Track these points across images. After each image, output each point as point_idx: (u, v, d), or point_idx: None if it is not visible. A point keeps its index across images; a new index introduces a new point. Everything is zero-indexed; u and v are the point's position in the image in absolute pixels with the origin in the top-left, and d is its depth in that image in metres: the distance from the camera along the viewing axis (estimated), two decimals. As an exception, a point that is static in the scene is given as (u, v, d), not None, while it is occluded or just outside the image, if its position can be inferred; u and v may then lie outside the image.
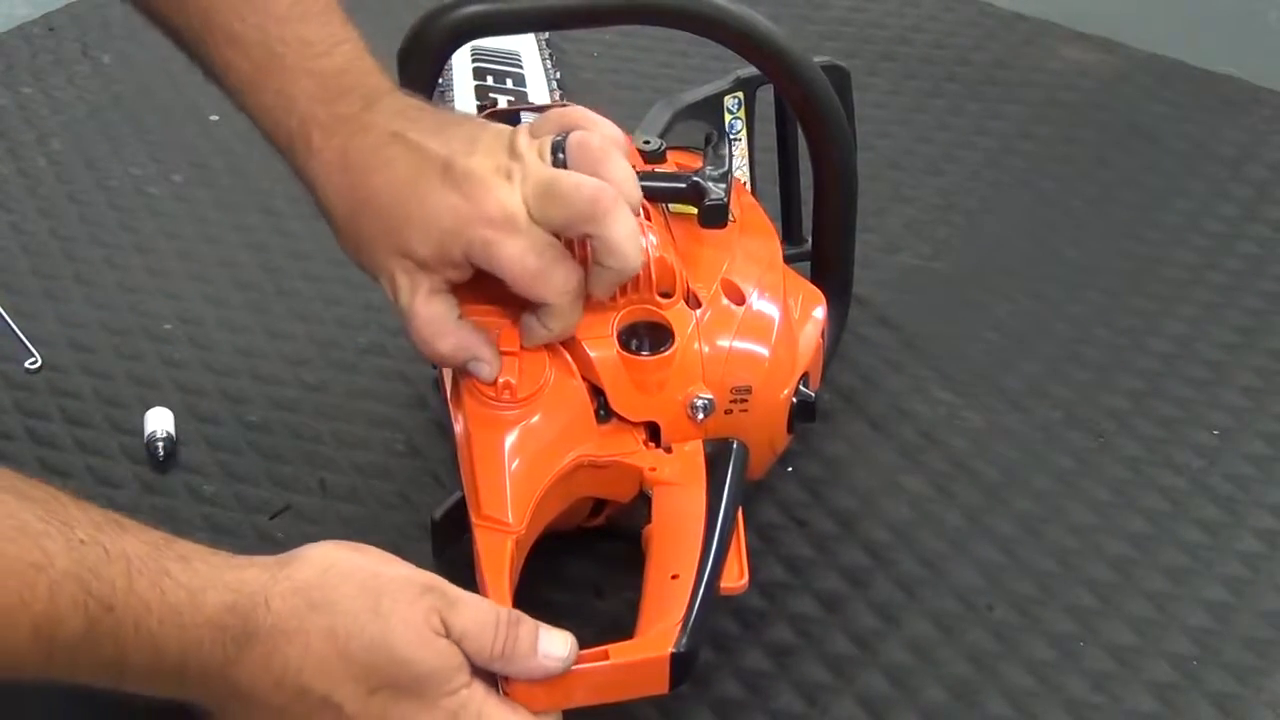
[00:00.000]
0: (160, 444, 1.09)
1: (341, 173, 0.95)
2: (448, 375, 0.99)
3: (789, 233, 1.16)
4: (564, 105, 1.03)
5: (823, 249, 1.12)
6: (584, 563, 1.01)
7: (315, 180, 0.97)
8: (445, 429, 1.05)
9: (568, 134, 0.95)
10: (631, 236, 0.92)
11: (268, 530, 1.04)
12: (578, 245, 0.94)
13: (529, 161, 0.93)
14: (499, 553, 0.91)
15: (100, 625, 0.79)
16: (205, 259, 1.26)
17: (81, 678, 0.81)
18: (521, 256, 0.92)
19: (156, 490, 1.07)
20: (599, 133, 0.95)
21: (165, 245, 1.27)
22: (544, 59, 1.36)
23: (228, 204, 1.31)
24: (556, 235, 0.93)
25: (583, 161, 0.93)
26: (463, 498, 0.96)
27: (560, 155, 0.94)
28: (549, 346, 0.95)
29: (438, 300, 0.94)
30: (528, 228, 0.92)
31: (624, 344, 0.95)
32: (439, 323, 0.94)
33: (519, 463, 0.93)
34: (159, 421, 1.10)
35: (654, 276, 0.95)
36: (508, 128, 0.97)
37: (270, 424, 1.12)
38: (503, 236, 0.92)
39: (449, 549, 0.98)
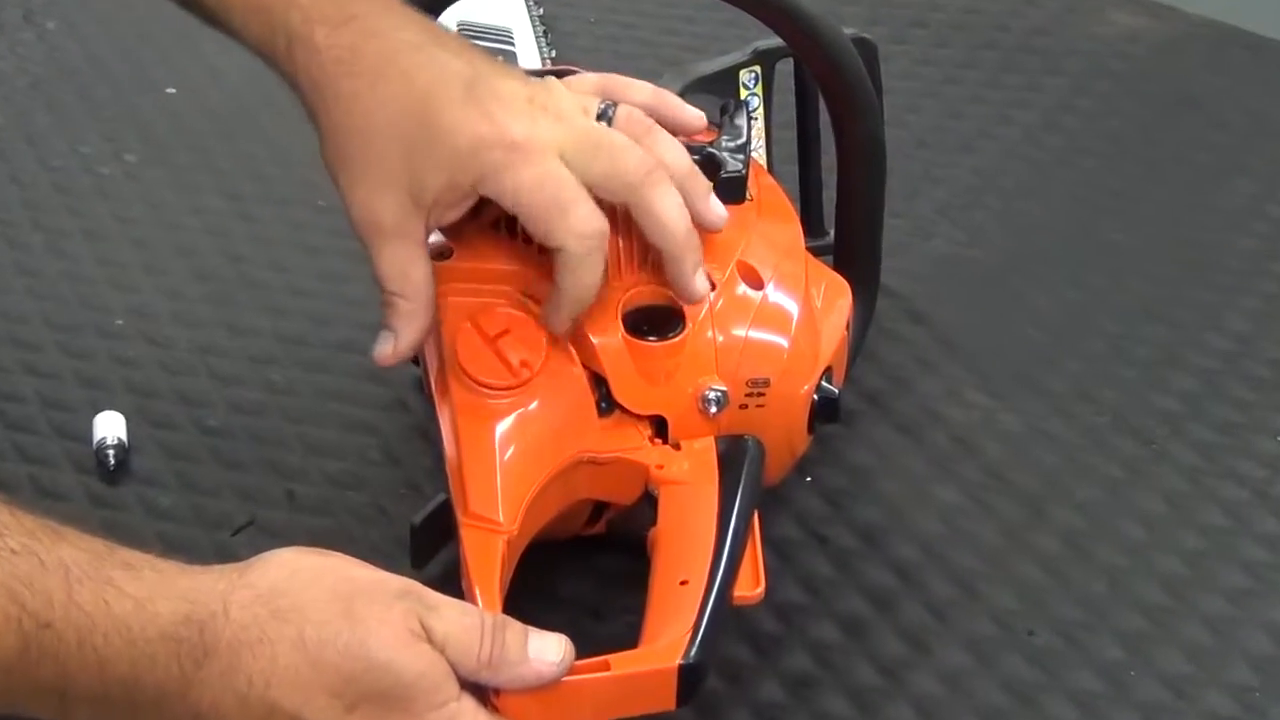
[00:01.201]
0: (111, 451, 1.09)
1: (348, 76, 0.95)
2: (432, 366, 0.99)
3: (808, 224, 1.15)
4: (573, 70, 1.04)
5: (847, 235, 1.13)
6: (580, 582, 1.02)
7: (315, 82, 0.95)
8: (427, 434, 1.05)
9: (615, 103, 0.96)
10: (677, 209, 0.94)
11: (229, 547, 1.04)
12: None
13: (570, 110, 0.94)
14: (489, 555, 0.90)
15: (37, 644, 0.78)
16: (160, 246, 1.26)
17: (21, 707, 0.80)
18: (541, 183, 0.91)
19: (106, 503, 1.07)
20: (642, 104, 0.98)
21: (116, 231, 1.27)
22: (537, 36, 1.37)
23: (186, 185, 1.31)
24: None
25: (630, 133, 0.95)
26: (446, 501, 0.96)
27: (605, 124, 0.95)
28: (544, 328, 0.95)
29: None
30: (554, 159, 0.92)
31: (630, 328, 0.95)
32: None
33: (511, 455, 0.94)
34: (109, 427, 1.10)
35: None
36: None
37: (232, 429, 1.12)
38: (521, 159, 0.92)
39: (430, 562, 0.98)
